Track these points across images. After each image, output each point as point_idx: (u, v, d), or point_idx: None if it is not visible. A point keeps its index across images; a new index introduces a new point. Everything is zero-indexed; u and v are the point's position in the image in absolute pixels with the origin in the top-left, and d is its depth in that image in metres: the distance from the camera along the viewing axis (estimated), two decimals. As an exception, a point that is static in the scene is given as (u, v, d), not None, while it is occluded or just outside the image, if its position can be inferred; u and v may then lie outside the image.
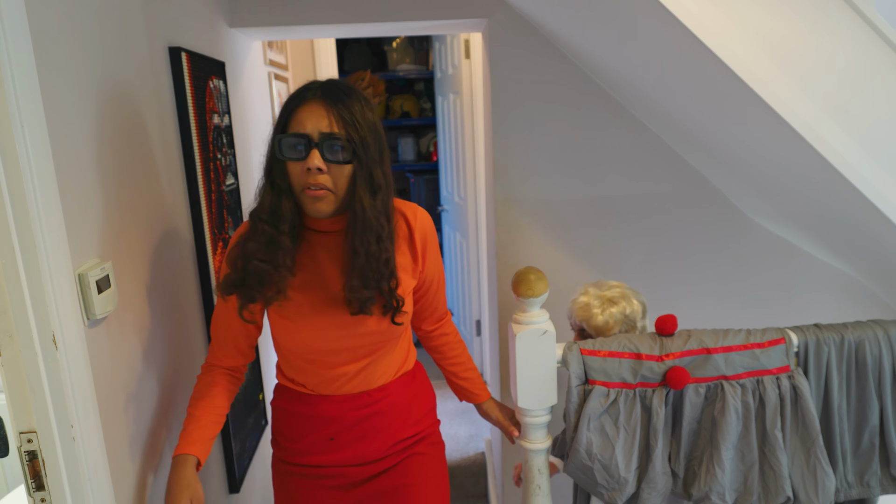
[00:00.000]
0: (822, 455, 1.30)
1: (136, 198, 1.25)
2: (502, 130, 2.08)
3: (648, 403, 1.30)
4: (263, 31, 2.06)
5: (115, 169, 1.16)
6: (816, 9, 1.16)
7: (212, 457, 1.62)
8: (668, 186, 2.15)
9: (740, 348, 1.30)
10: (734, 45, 1.15)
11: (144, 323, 1.25)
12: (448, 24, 2.07)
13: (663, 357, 1.29)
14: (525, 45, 2.02)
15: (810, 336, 1.32)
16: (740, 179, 1.93)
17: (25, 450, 0.92)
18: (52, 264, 0.90)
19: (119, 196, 1.17)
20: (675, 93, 1.63)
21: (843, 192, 1.30)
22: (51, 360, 0.90)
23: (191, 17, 1.64)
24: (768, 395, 1.29)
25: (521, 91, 2.05)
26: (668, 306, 2.22)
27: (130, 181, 1.23)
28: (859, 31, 1.18)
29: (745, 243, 2.20)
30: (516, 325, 1.31)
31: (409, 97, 4.48)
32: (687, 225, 2.19)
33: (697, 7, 1.14)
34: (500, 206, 2.14)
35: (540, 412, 1.34)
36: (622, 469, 1.30)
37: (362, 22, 1.99)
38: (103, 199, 1.11)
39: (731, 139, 1.62)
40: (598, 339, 1.34)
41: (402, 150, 4.47)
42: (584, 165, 2.12)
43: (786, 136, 1.24)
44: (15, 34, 0.84)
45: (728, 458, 1.30)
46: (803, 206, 1.72)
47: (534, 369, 1.31)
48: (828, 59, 1.18)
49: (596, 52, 1.83)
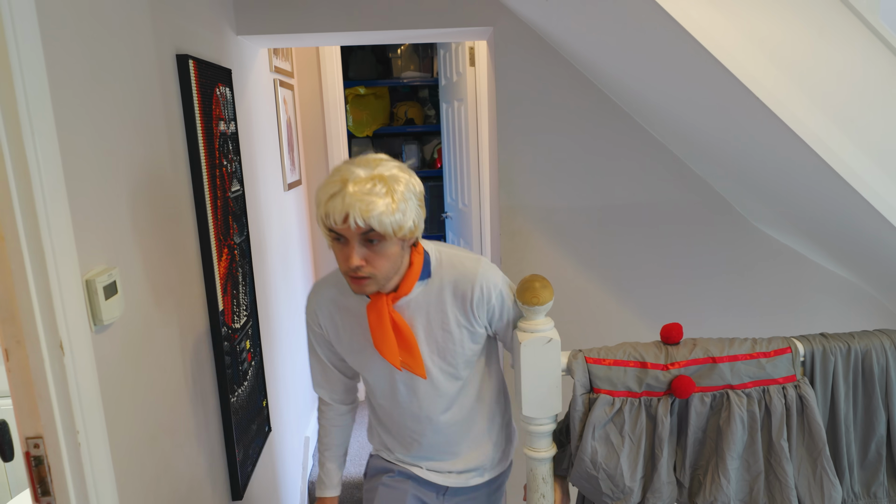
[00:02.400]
0: (828, 465, 1.29)
1: (143, 204, 1.26)
2: (507, 138, 2.08)
3: (654, 412, 1.30)
4: (270, 38, 2.07)
5: (122, 175, 1.17)
6: (821, 18, 1.17)
7: (214, 463, 1.62)
8: (673, 195, 2.15)
9: (746, 357, 1.29)
10: (741, 55, 1.16)
11: (151, 329, 1.26)
12: (454, 32, 2.08)
13: (669, 366, 1.29)
14: (530, 53, 2.02)
15: (816, 345, 1.32)
16: (746, 188, 1.93)
17: (32, 455, 0.92)
18: (60, 270, 0.90)
19: (126, 202, 1.18)
20: (681, 102, 1.63)
21: (850, 202, 1.30)
22: (58, 365, 0.90)
23: (198, 25, 1.65)
24: (774, 405, 1.28)
25: (526, 98, 2.06)
26: (674, 315, 2.22)
27: (137, 188, 1.23)
28: (864, 41, 1.18)
29: (751, 252, 2.20)
30: (521, 332, 1.31)
31: (414, 104, 4.49)
32: (692, 233, 2.18)
33: (704, 17, 1.15)
34: (505, 214, 2.14)
35: (544, 420, 1.34)
36: (627, 478, 1.30)
37: (368, 30, 2.00)
38: (111, 205, 1.11)
39: (738, 149, 1.62)
40: (604, 347, 1.34)
41: (407, 156, 4.48)
42: (588, 173, 2.12)
43: (793, 146, 1.24)
44: (26, 40, 0.85)
45: (733, 468, 1.29)
46: (810, 215, 1.72)
47: (539, 377, 1.30)
48: (833, 68, 1.19)
49: (601, 61, 1.83)
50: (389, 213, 1.14)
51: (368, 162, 1.19)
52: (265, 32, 2.01)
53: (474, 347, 1.40)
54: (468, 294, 1.34)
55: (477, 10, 1.98)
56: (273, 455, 2.24)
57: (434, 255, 1.36)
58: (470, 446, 1.50)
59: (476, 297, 1.34)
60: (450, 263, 1.36)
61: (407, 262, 1.29)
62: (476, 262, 1.37)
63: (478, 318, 1.36)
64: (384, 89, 4.38)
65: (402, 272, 1.29)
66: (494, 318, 1.38)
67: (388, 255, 1.21)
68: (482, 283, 1.34)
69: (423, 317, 1.35)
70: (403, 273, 1.29)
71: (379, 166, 1.18)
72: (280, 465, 2.37)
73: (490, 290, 1.35)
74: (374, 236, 1.16)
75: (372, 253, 1.19)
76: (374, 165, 1.18)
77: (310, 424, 3.06)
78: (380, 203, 1.13)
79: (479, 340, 1.40)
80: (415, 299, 1.34)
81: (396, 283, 1.29)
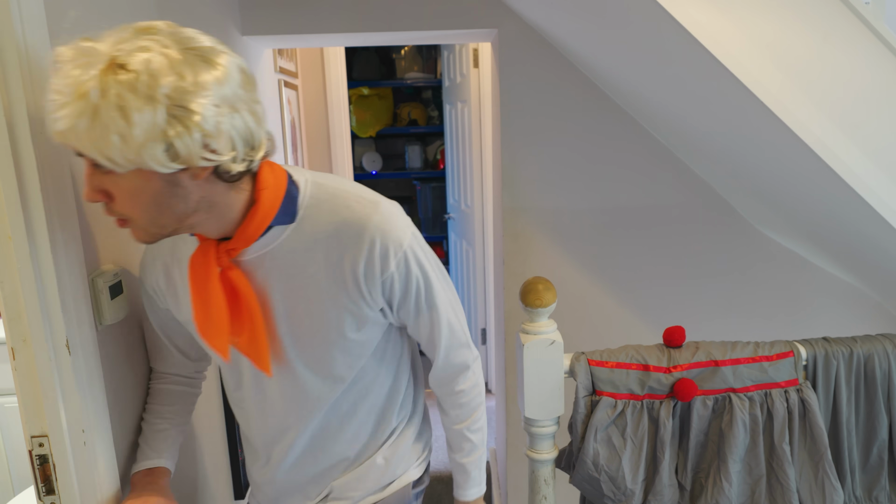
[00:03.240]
0: (830, 469, 1.29)
1: (149, 204, 1.26)
2: (511, 139, 2.09)
3: (656, 415, 1.30)
4: (274, 39, 2.08)
5: (128, 175, 1.17)
6: (827, 24, 1.17)
7: (218, 463, 1.62)
8: (676, 197, 2.15)
9: (748, 361, 1.30)
10: (747, 60, 1.16)
11: (154, 328, 1.26)
12: (458, 33, 2.08)
13: (671, 369, 1.29)
14: (534, 55, 2.03)
15: (819, 349, 1.32)
16: (749, 192, 1.93)
17: (36, 454, 0.92)
18: (65, 270, 0.91)
19: (132, 202, 1.18)
20: (686, 106, 1.63)
21: (854, 206, 1.30)
22: (63, 364, 0.91)
23: (204, 25, 1.66)
24: (776, 409, 1.29)
25: (529, 100, 2.06)
26: (676, 318, 2.22)
27: (143, 187, 1.23)
28: (870, 47, 1.18)
29: (754, 255, 2.20)
30: (524, 334, 1.31)
31: (417, 105, 4.50)
32: (695, 236, 2.19)
33: (710, 22, 1.15)
34: (508, 215, 2.14)
35: (547, 422, 1.34)
36: (629, 481, 1.30)
37: (372, 31, 2.01)
38: (116, 205, 1.12)
39: (742, 152, 1.62)
40: (606, 350, 1.34)
41: (410, 157, 4.49)
42: (592, 175, 2.13)
43: (798, 150, 1.24)
44: (35, 41, 0.85)
45: (735, 472, 1.29)
46: (813, 219, 1.72)
47: (541, 379, 1.31)
48: (839, 74, 1.19)
49: (605, 63, 1.83)
50: (86, 129, 0.70)
51: (102, 38, 0.74)
52: (270, 33, 2.01)
53: (361, 339, 0.97)
54: (352, 255, 0.89)
55: (482, 12, 1.99)
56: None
57: (306, 187, 0.91)
58: (349, 484, 1.09)
59: (364, 261, 0.89)
60: (330, 204, 0.90)
61: (244, 199, 0.86)
62: (372, 205, 0.90)
63: (367, 295, 0.92)
64: (388, 90, 4.39)
65: (236, 213, 0.86)
66: (396, 300, 0.95)
67: (133, 192, 0.77)
68: (376, 239, 0.89)
69: (283, 281, 0.92)
70: (239, 214, 0.86)
71: (100, 43, 0.73)
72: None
73: (388, 253, 0.90)
74: (98, 162, 0.74)
75: (112, 187, 0.78)
76: (98, 47, 0.72)
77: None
78: (64, 113, 0.70)
79: (370, 330, 0.97)
80: (273, 253, 0.91)
81: (226, 228, 0.87)
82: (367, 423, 1.07)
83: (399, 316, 0.99)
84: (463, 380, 1.10)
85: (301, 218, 0.90)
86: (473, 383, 1.11)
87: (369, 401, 1.05)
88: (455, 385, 1.10)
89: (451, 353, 1.07)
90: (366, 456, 1.09)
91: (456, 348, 1.07)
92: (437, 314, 1.00)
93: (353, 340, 0.96)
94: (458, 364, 1.09)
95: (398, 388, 1.09)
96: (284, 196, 0.88)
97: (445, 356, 1.06)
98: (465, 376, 1.10)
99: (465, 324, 1.09)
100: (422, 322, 1.00)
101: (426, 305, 0.98)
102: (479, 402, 1.14)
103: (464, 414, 1.12)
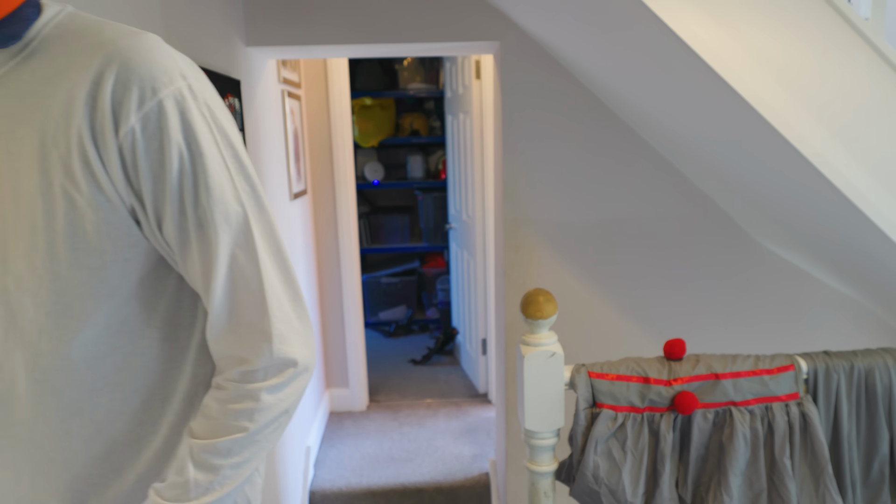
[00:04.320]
0: (831, 484, 1.28)
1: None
2: (512, 150, 2.10)
3: (656, 428, 1.30)
4: (279, 49, 2.09)
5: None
6: (827, 39, 1.18)
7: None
8: (677, 210, 2.16)
9: (749, 374, 1.30)
10: (746, 75, 1.17)
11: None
12: (461, 45, 2.10)
13: (671, 381, 1.29)
14: (536, 67, 2.04)
15: (819, 363, 1.32)
16: (750, 204, 1.93)
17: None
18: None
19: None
20: (686, 120, 1.64)
21: (853, 220, 1.30)
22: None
23: (209, 36, 1.67)
24: (777, 422, 1.28)
25: (531, 112, 2.07)
26: (676, 329, 2.22)
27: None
28: (869, 62, 1.19)
29: (754, 268, 2.20)
30: (524, 346, 1.31)
31: (419, 115, 4.52)
32: (696, 249, 2.19)
33: (711, 37, 1.16)
34: (509, 226, 2.15)
35: (547, 434, 1.34)
36: (629, 494, 1.29)
37: (376, 43, 2.02)
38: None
39: (742, 166, 1.62)
40: (607, 362, 1.34)
41: (411, 167, 4.50)
42: (593, 187, 2.13)
43: (798, 164, 1.24)
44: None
45: (736, 485, 1.29)
46: (813, 232, 1.72)
47: (541, 391, 1.31)
48: (839, 89, 1.20)
49: (606, 76, 1.85)
50: None
51: None
52: (274, 44, 2.03)
53: (104, 248, 0.62)
54: (88, 93, 0.59)
55: (484, 24, 2.00)
56: (273, 464, 2.24)
57: (55, 15, 0.64)
58: None
59: (100, 104, 0.59)
60: (79, 35, 0.62)
61: None
62: (130, 32, 0.62)
63: (95, 164, 0.60)
64: (390, 100, 4.41)
65: None
66: (147, 187, 0.61)
67: None
68: (113, 66, 0.59)
69: (6, 129, 0.62)
70: None
71: None
72: (281, 475, 2.36)
73: (129, 92, 0.59)
74: None
75: None
76: None
77: (310, 434, 3.06)
78: None
79: (111, 233, 0.62)
80: None
81: None
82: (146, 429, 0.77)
83: (154, 218, 0.62)
84: (246, 388, 0.66)
85: (33, 49, 0.62)
86: (262, 406, 0.66)
87: (142, 384, 0.76)
88: (229, 384, 0.69)
89: (238, 328, 0.65)
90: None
91: (249, 325, 0.65)
92: (214, 237, 0.60)
93: (98, 245, 0.62)
94: (248, 354, 0.66)
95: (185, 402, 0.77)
96: (14, 10, 0.59)
97: (228, 332, 0.65)
98: (251, 386, 0.66)
99: (296, 292, 0.67)
100: (182, 230, 0.61)
101: (193, 211, 0.60)
102: (253, 433, 0.67)
103: (209, 429, 0.70)
